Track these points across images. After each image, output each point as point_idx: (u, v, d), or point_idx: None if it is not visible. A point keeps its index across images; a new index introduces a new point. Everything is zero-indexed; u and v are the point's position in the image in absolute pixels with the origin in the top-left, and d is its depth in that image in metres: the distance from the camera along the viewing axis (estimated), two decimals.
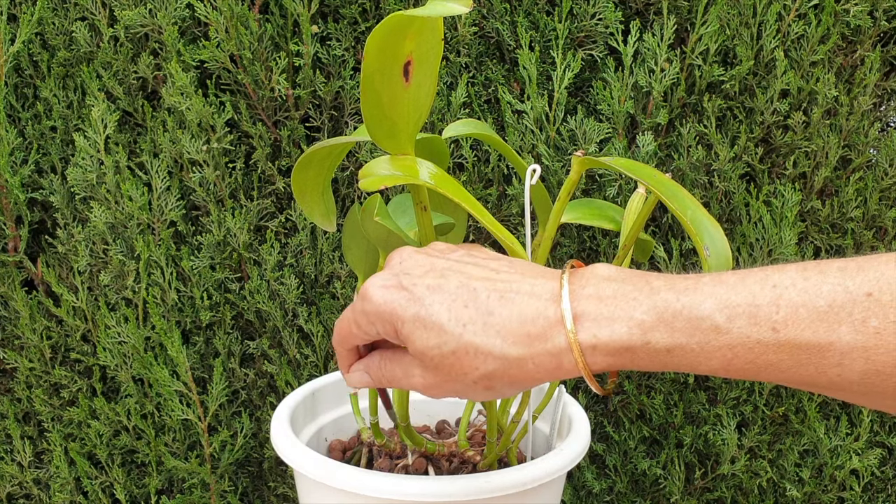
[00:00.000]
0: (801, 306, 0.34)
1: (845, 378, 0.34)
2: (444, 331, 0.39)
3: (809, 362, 0.34)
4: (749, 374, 0.36)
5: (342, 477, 0.51)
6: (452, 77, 0.84)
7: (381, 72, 0.44)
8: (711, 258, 0.47)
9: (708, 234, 0.47)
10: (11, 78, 0.88)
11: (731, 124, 0.85)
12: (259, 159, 0.87)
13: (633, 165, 0.50)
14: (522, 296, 0.39)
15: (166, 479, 0.93)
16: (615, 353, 0.37)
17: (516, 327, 0.39)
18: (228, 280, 0.88)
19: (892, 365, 0.33)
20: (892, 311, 0.33)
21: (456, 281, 0.40)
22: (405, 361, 0.42)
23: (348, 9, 0.84)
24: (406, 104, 0.46)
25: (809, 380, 0.35)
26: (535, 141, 0.82)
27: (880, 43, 0.88)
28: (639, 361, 0.38)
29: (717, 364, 0.36)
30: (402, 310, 0.40)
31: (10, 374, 0.95)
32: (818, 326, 0.34)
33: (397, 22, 0.42)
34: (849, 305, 0.34)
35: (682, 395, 0.89)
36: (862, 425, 0.88)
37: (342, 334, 0.44)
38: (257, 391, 0.91)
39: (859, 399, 0.36)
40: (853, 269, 0.34)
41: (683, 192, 0.49)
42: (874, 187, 0.84)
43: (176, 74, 0.83)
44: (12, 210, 0.89)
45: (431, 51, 0.44)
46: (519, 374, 0.39)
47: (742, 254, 0.85)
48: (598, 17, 0.82)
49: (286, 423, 0.58)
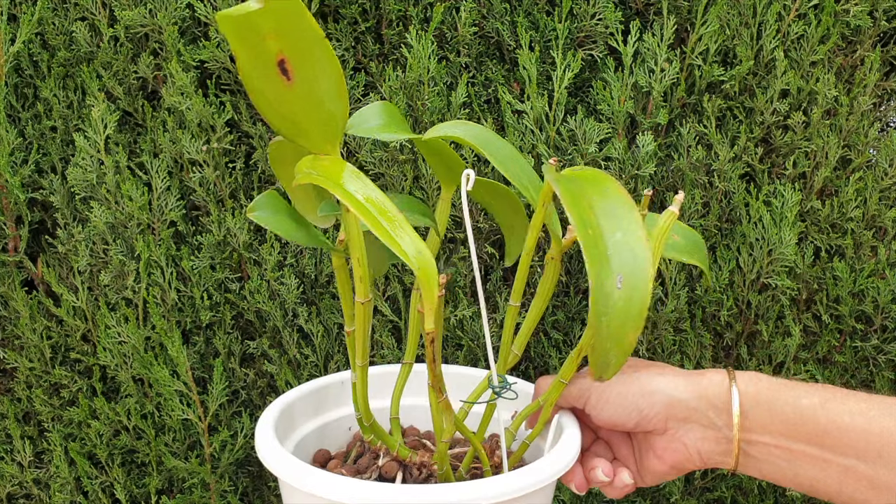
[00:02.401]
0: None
1: None
2: None
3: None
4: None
5: (291, 474, 0.50)
6: (452, 77, 0.84)
7: (256, 71, 0.44)
8: (623, 290, 0.44)
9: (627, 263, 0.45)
10: (12, 78, 0.88)
11: (731, 124, 0.85)
12: (259, 159, 0.87)
13: (577, 186, 0.48)
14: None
15: (166, 478, 0.93)
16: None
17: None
18: (228, 280, 0.88)
19: None
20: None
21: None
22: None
23: (348, 9, 0.84)
24: (299, 102, 0.46)
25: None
26: (535, 141, 0.82)
27: (880, 43, 0.88)
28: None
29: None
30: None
31: (10, 374, 0.95)
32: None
33: (233, 22, 0.42)
34: None
35: None
36: None
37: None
38: (257, 391, 0.91)
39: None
40: None
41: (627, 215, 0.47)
42: (874, 187, 0.84)
43: (176, 74, 0.83)
44: (12, 210, 0.89)
45: (312, 49, 0.44)
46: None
47: (742, 254, 0.85)
48: (598, 17, 0.82)
49: (271, 425, 0.57)
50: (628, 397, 0.56)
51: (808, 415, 0.52)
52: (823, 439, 0.52)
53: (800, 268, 0.85)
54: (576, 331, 0.87)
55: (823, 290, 0.86)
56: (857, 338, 0.87)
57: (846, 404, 0.52)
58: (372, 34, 0.86)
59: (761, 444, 0.54)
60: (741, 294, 0.86)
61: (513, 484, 0.50)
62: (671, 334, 0.86)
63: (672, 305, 0.84)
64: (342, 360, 0.89)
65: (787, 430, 0.53)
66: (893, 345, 0.86)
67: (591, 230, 0.45)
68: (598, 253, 0.45)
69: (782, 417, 0.53)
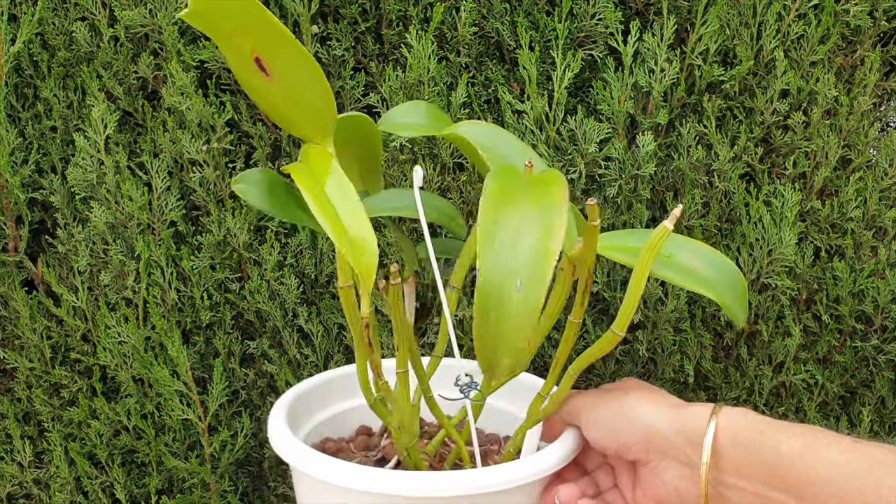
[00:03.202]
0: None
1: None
2: None
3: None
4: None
5: (301, 459, 0.52)
6: (452, 77, 0.84)
7: (241, 66, 0.48)
8: (521, 292, 0.44)
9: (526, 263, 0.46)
10: (12, 78, 0.88)
11: (731, 124, 0.85)
12: (259, 159, 0.87)
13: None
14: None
15: (166, 478, 0.93)
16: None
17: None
18: (228, 280, 0.88)
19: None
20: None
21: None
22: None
23: (348, 9, 0.84)
24: (281, 96, 0.50)
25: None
26: (536, 141, 0.82)
27: (880, 43, 0.88)
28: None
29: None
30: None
31: (10, 374, 0.95)
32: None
33: (192, 20, 0.46)
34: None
35: (682, 395, 0.89)
36: (862, 425, 0.88)
37: None
38: (257, 391, 0.91)
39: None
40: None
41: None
42: (874, 187, 0.84)
43: (176, 74, 0.83)
44: (12, 210, 0.89)
45: (283, 48, 0.47)
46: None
47: (742, 254, 0.85)
48: (598, 17, 0.82)
49: (283, 413, 0.59)
50: (613, 420, 0.54)
51: (787, 461, 0.48)
52: (801, 490, 0.48)
53: (800, 268, 0.85)
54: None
55: (823, 290, 0.86)
56: (857, 338, 0.87)
57: (827, 453, 0.47)
58: (372, 34, 0.86)
59: (737, 489, 0.50)
60: None
61: (492, 478, 0.51)
62: (671, 334, 0.86)
63: (672, 305, 0.84)
64: (342, 360, 0.89)
65: (765, 476, 0.49)
66: (893, 345, 0.86)
67: (501, 230, 0.46)
68: (493, 250, 0.45)
69: (761, 461, 0.49)
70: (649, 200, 0.85)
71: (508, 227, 0.46)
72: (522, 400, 0.63)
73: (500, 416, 0.68)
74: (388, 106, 0.84)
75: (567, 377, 0.57)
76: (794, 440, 0.48)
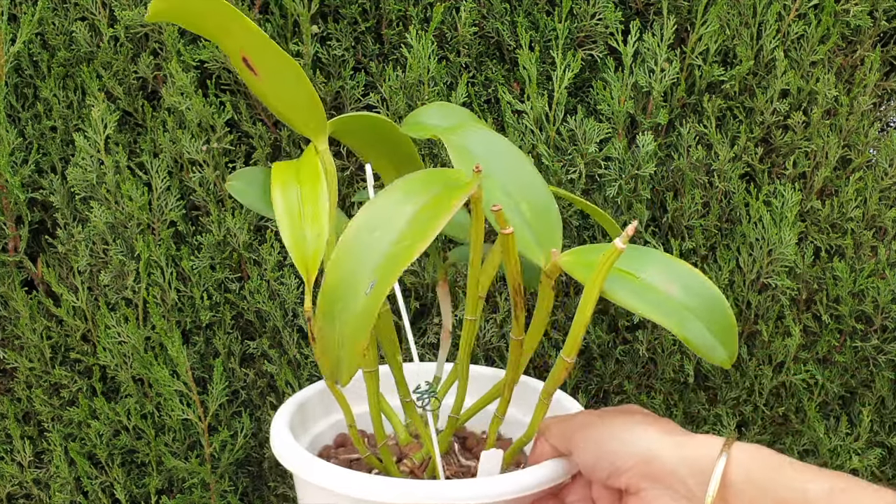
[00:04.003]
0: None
1: None
2: None
3: None
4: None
5: (302, 466, 0.52)
6: (452, 77, 0.84)
7: (237, 65, 0.50)
8: (370, 297, 0.43)
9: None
10: (12, 78, 0.88)
11: (731, 124, 0.85)
12: (259, 159, 0.87)
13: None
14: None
15: (166, 478, 0.93)
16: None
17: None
18: (228, 280, 0.88)
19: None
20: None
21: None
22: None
23: (348, 9, 0.84)
24: (271, 93, 0.52)
25: None
26: (535, 141, 0.82)
27: (880, 43, 0.88)
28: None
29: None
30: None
31: (10, 374, 0.95)
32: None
33: (186, 22, 0.50)
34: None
35: (682, 395, 0.89)
36: (862, 425, 0.88)
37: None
38: (257, 391, 0.91)
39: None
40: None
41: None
42: (874, 187, 0.84)
43: (176, 74, 0.83)
44: (12, 210, 0.89)
45: (266, 48, 0.49)
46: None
47: (742, 254, 0.85)
48: (598, 17, 0.82)
49: (285, 419, 0.58)
50: (608, 441, 0.50)
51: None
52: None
53: (800, 268, 0.85)
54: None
55: (823, 290, 0.86)
56: (857, 338, 0.87)
57: (860, 496, 0.44)
58: (372, 34, 0.86)
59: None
60: (741, 294, 0.86)
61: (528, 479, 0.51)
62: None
63: None
64: None
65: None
66: (893, 345, 0.86)
67: (364, 230, 0.45)
68: (353, 253, 0.45)
69: (780, 501, 0.45)
70: (649, 200, 0.85)
71: (378, 227, 0.45)
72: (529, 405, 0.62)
73: (509, 422, 0.67)
74: (388, 106, 0.84)
75: (540, 405, 0.55)
76: (822, 482, 0.45)
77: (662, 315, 0.48)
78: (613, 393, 0.91)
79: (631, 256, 0.50)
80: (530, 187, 0.53)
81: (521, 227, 0.52)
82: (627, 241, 0.46)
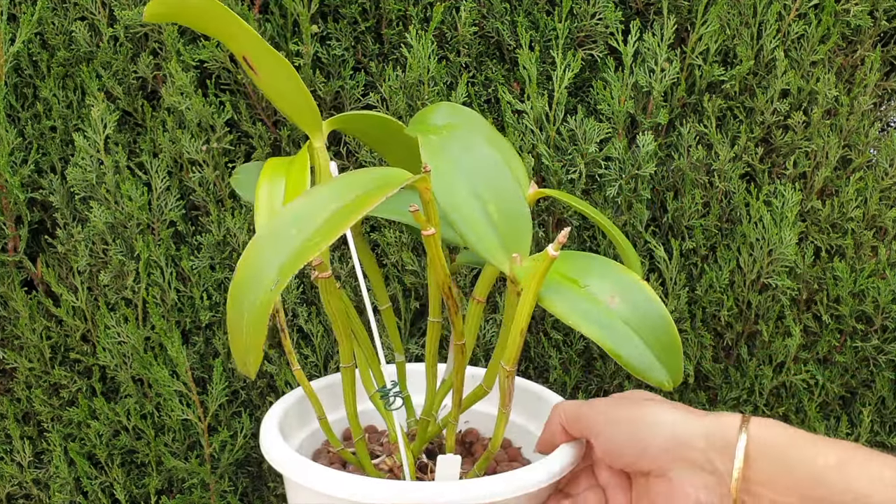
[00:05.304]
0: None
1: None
2: None
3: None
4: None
5: (294, 469, 0.52)
6: (452, 77, 0.84)
7: (242, 64, 0.53)
8: (273, 292, 0.42)
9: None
10: (11, 78, 0.88)
11: (731, 124, 0.85)
12: (259, 159, 0.87)
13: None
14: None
15: (166, 479, 0.93)
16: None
17: None
18: (228, 280, 0.88)
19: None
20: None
21: None
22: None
23: (348, 8, 0.84)
24: (270, 91, 0.55)
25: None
26: (535, 141, 0.82)
27: (880, 43, 0.88)
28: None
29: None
30: None
31: (9, 374, 0.95)
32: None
33: (188, 22, 0.54)
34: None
35: (682, 395, 0.89)
36: (862, 425, 0.88)
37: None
38: (257, 391, 0.91)
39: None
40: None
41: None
42: (874, 187, 0.84)
43: (176, 74, 0.83)
44: (12, 210, 0.89)
45: (263, 50, 0.50)
46: None
47: (742, 254, 0.85)
48: (598, 16, 0.82)
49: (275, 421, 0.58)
50: (636, 424, 0.51)
51: (823, 475, 0.47)
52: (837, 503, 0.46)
53: (800, 268, 0.85)
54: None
55: (824, 290, 0.86)
56: (857, 338, 0.87)
57: (868, 468, 0.46)
58: (372, 34, 0.86)
59: (766, 501, 0.48)
60: (741, 294, 0.86)
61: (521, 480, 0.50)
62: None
63: (672, 305, 0.84)
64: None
65: (797, 489, 0.47)
66: (894, 345, 0.86)
67: (284, 225, 0.45)
68: (263, 249, 0.44)
69: (794, 473, 0.48)
70: (649, 200, 0.85)
71: (298, 222, 0.44)
72: (531, 413, 0.62)
73: (514, 430, 0.66)
74: (388, 106, 0.84)
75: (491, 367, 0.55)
76: (830, 454, 0.47)
77: (597, 328, 0.46)
78: (613, 393, 0.91)
79: (579, 264, 0.49)
80: (503, 191, 0.51)
81: (485, 230, 0.50)
82: (559, 249, 0.44)
